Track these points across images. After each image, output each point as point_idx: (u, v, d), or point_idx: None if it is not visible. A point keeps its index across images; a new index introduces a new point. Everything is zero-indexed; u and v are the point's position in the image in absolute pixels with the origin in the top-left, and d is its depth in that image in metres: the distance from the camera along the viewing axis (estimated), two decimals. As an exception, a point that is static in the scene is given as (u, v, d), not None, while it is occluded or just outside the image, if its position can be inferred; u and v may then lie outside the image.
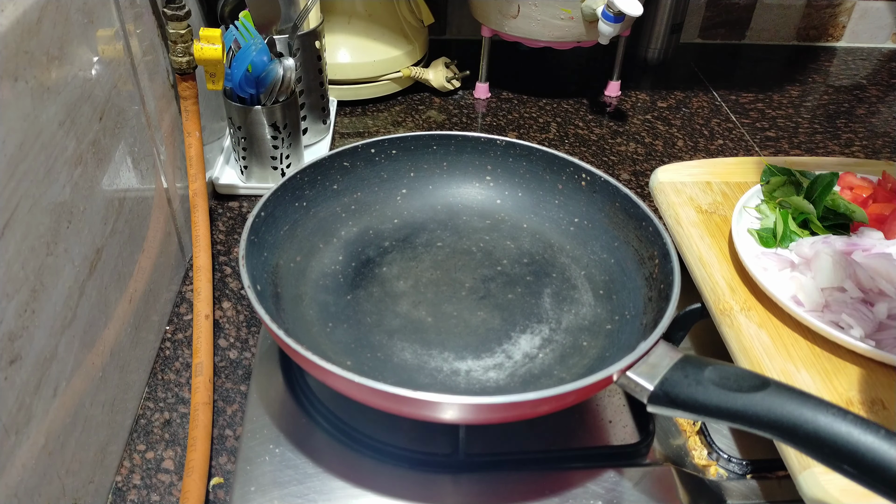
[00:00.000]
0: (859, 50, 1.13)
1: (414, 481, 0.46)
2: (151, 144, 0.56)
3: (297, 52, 0.74)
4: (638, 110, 0.94)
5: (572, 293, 0.55)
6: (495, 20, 0.87)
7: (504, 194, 0.62)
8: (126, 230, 0.50)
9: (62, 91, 0.41)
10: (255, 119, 0.68)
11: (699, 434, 0.51)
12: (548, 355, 0.50)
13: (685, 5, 1.02)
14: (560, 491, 0.46)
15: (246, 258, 0.47)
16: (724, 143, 0.87)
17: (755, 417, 0.36)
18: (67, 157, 0.41)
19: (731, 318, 0.49)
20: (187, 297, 0.62)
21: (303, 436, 0.48)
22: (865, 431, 0.32)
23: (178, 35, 0.57)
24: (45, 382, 0.38)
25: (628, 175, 0.81)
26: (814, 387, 0.44)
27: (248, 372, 0.55)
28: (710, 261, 0.54)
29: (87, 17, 0.45)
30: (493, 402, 0.39)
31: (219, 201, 0.73)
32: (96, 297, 0.45)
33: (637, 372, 0.41)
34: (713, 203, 0.59)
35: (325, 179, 0.58)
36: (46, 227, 0.39)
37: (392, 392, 0.38)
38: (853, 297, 0.48)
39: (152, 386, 0.54)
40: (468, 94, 0.95)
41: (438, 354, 0.49)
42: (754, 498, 0.47)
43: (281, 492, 0.45)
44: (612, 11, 0.78)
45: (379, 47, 0.89)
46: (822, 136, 0.90)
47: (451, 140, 0.61)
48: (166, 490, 0.47)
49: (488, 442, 0.48)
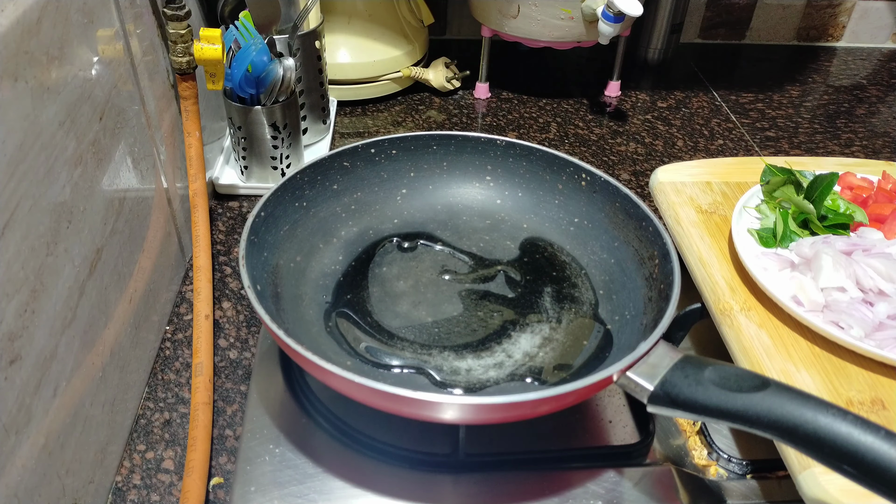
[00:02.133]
0: (859, 50, 1.13)
1: (414, 481, 0.46)
2: (151, 144, 0.56)
3: (297, 52, 0.74)
4: (638, 110, 0.94)
5: (572, 293, 0.55)
6: (495, 20, 0.87)
7: (504, 194, 0.62)
8: (126, 230, 0.50)
9: (62, 91, 0.41)
10: (255, 119, 0.68)
11: (699, 434, 0.51)
12: (548, 354, 0.50)
13: (685, 5, 1.02)
14: (560, 491, 0.46)
15: (246, 258, 0.47)
16: (724, 143, 0.87)
17: (755, 417, 0.36)
18: (67, 157, 0.41)
19: (731, 318, 0.49)
20: (187, 297, 0.62)
21: (303, 436, 0.48)
22: (865, 431, 0.32)
23: (178, 35, 0.57)
24: (45, 382, 0.38)
25: (628, 175, 0.81)
26: (814, 387, 0.44)
27: (248, 372, 0.55)
28: (710, 261, 0.54)
29: (87, 17, 0.45)
30: (493, 402, 0.39)
31: (219, 201, 0.73)
32: (96, 297, 0.45)
33: (637, 372, 0.41)
34: (713, 203, 0.59)
35: (325, 179, 0.58)
36: (46, 227, 0.39)
37: (392, 392, 0.38)
38: (853, 297, 0.48)
39: (152, 386, 0.54)
40: (468, 94, 0.95)
41: (438, 354, 0.49)
42: (754, 498, 0.47)
43: (281, 492, 0.45)
44: (612, 11, 0.78)
45: (379, 47, 0.89)
46: (822, 136, 0.90)
47: (451, 140, 0.61)
48: (166, 490, 0.47)
49: (488, 442, 0.48)
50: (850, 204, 0.56)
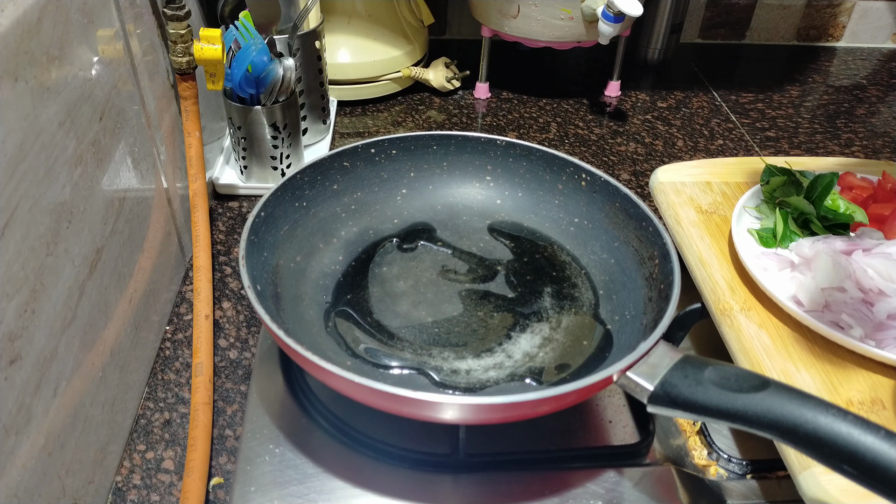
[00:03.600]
0: (859, 50, 1.13)
1: (414, 481, 0.46)
2: (151, 144, 0.56)
3: (297, 52, 0.74)
4: (638, 110, 0.94)
5: (572, 293, 0.55)
6: (495, 20, 0.87)
7: (504, 194, 0.62)
8: (126, 230, 0.50)
9: (62, 91, 0.41)
10: (255, 119, 0.68)
11: (699, 434, 0.51)
12: (548, 354, 0.50)
13: (685, 5, 1.02)
14: (560, 491, 0.46)
15: (246, 258, 0.47)
16: (724, 143, 0.87)
17: (755, 418, 0.36)
18: (67, 157, 0.41)
19: (731, 318, 0.49)
20: (187, 297, 0.62)
21: (303, 436, 0.48)
22: (865, 431, 0.32)
23: (178, 35, 0.57)
24: (45, 382, 0.38)
25: (628, 175, 0.81)
26: (814, 387, 0.44)
27: (248, 372, 0.55)
28: (710, 261, 0.54)
29: (87, 17, 0.45)
30: (493, 403, 0.39)
31: (219, 201, 0.73)
32: (96, 297, 0.45)
33: (637, 372, 0.41)
34: (713, 203, 0.59)
35: (325, 179, 0.58)
36: (46, 227, 0.39)
37: (392, 392, 0.38)
38: (853, 297, 0.48)
39: (152, 386, 0.54)
40: (468, 94, 0.95)
41: (438, 354, 0.49)
42: (754, 498, 0.47)
43: (281, 492, 0.45)
44: (612, 11, 0.78)
45: (379, 47, 0.89)
46: (822, 136, 0.90)
47: (451, 140, 0.61)
48: (166, 490, 0.47)
49: (488, 442, 0.48)
50: (850, 204, 0.56)
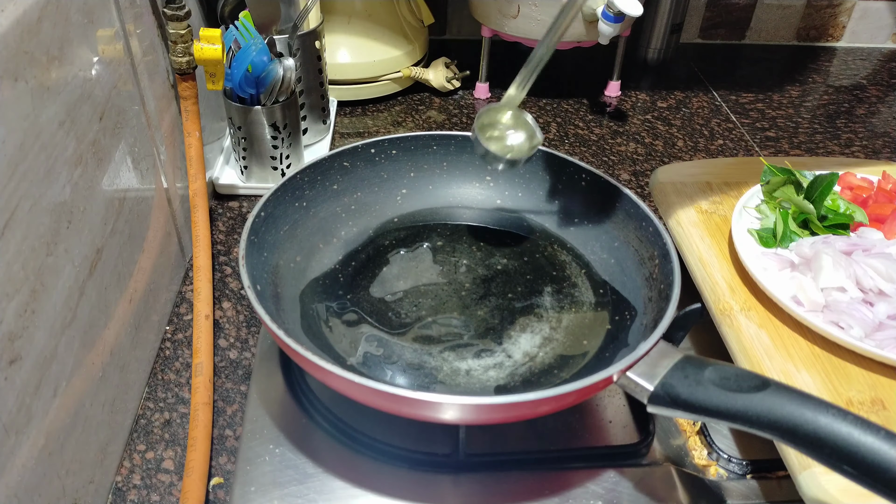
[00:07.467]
0: (859, 50, 1.13)
1: (414, 481, 0.46)
2: (151, 144, 0.56)
3: (297, 52, 0.74)
4: (638, 110, 0.94)
5: (572, 293, 0.55)
6: (495, 20, 0.87)
7: (504, 194, 0.62)
8: (126, 230, 0.50)
9: (62, 91, 0.41)
10: (255, 119, 0.68)
11: (699, 434, 0.51)
12: (548, 354, 0.50)
13: (685, 5, 1.02)
14: (560, 491, 0.46)
15: (246, 258, 0.47)
16: (724, 143, 0.87)
17: (755, 418, 0.36)
18: (67, 157, 0.41)
19: (731, 318, 0.49)
20: (187, 297, 0.62)
21: (303, 436, 0.48)
22: (865, 431, 0.32)
23: (178, 35, 0.57)
24: (45, 382, 0.38)
25: (628, 175, 0.81)
26: (814, 387, 0.44)
27: (248, 372, 0.55)
28: (710, 261, 0.54)
29: (87, 17, 0.45)
30: (493, 403, 0.39)
31: (219, 201, 0.73)
32: (96, 297, 0.45)
33: (637, 372, 0.41)
34: (713, 203, 0.59)
35: (325, 179, 0.58)
36: (46, 227, 0.39)
37: (392, 392, 0.38)
38: (853, 297, 0.48)
39: (152, 386, 0.54)
40: (468, 94, 0.95)
41: (438, 354, 0.49)
42: (754, 498, 0.47)
43: (281, 492, 0.45)
44: (612, 11, 0.78)
45: (379, 47, 0.89)
46: (822, 136, 0.90)
47: (451, 140, 0.61)
48: (166, 490, 0.47)
49: (488, 442, 0.48)
50: (850, 204, 0.56)
